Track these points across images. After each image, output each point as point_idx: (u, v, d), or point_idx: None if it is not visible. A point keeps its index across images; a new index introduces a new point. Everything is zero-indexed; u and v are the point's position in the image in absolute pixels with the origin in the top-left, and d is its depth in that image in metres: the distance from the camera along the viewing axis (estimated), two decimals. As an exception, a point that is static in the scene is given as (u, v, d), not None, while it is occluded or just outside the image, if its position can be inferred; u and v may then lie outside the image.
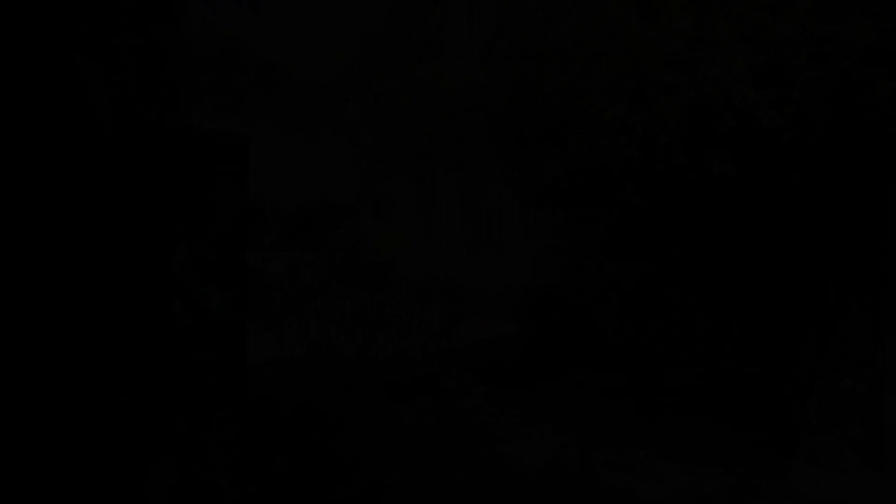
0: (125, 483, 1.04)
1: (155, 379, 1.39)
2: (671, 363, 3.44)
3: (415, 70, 9.00)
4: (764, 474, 2.41)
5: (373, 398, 2.02)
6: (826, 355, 2.47)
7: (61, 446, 0.79)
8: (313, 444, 1.95)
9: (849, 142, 1.77)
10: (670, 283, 3.49)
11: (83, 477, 0.82)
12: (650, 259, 3.68)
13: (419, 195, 9.32)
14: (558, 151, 2.41)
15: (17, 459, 0.71)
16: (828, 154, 1.89)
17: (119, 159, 1.01)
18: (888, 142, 1.74)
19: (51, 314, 0.83)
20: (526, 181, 2.64)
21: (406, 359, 2.30)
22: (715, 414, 3.20)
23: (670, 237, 3.07)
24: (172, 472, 1.42)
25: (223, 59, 13.00)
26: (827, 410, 2.67)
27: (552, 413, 3.19)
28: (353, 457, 2.06)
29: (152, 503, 1.36)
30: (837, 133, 1.75)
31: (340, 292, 2.19)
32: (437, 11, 8.23)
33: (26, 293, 0.81)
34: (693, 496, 2.21)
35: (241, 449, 1.55)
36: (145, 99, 1.04)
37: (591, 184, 2.40)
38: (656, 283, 3.62)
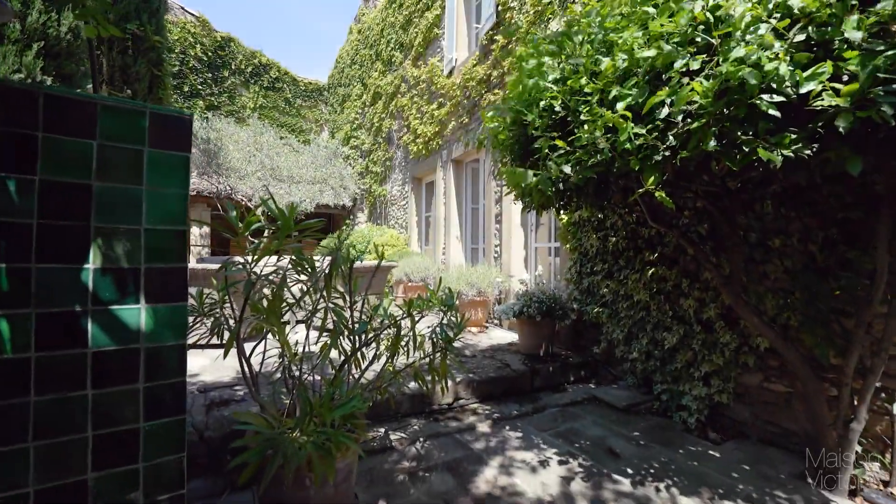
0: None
1: (58, 424, 1.08)
2: (689, 379, 3.13)
3: (412, 67, 8.73)
4: (801, 510, 2.11)
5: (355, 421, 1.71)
6: (873, 373, 2.16)
7: None
8: (279, 483, 1.64)
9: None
10: (687, 290, 3.19)
11: None
12: (664, 264, 3.38)
13: (416, 197, 9.03)
14: (567, 143, 2.11)
15: None
16: None
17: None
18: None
19: None
20: (529, 179, 2.34)
21: (396, 375, 1.98)
22: (740, 438, 2.88)
23: (687, 239, 2.77)
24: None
25: (218, 60, 12.75)
26: (873, 437, 2.37)
27: (558, 435, 2.88)
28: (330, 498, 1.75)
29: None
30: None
31: (325, 301, 1.87)
32: (434, 7, 7.96)
33: None
34: (725, 540, 1.90)
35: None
36: None
37: (605, 179, 2.10)
38: (671, 290, 3.31)
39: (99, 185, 1.13)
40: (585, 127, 1.97)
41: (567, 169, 2.05)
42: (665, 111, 1.68)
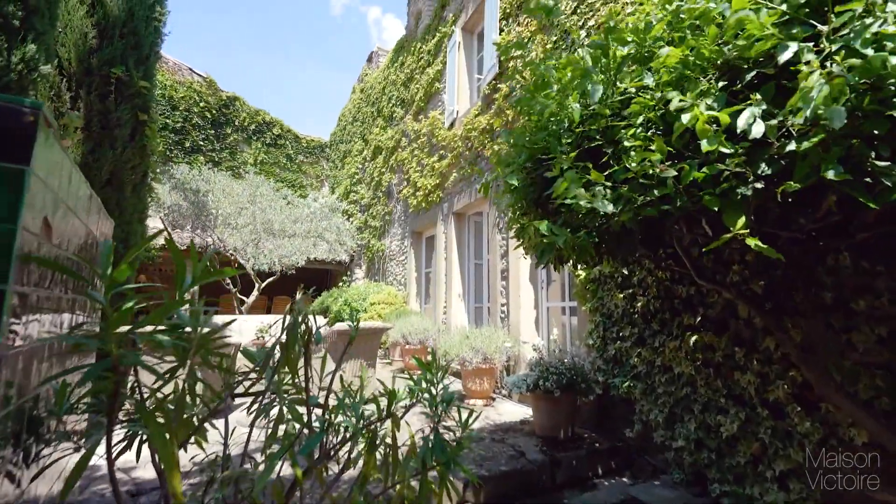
0: None
1: None
2: (758, 479, 2.45)
3: (413, 121, 8.62)
4: None
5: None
6: None
7: None
8: None
9: None
10: (743, 363, 2.60)
11: None
12: (710, 329, 2.81)
13: (416, 252, 8.58)
14: (605, 177, 1.63)
15: None
16: None
17: None
18: None
19: None
20: (547, 227, 1.85)
21: (378, 481, 1.37)
22: (840, 566, 2.17)
23: (745, 299, 2.22)
24: None
25: (222, 118, 12.89)
26: None
27: (596, 560, 2.16)
28: None
29: None
30: None
31: (278, 390, 1.30)
32: (436, 63, 7.97)
33: None
34: None
35: None
36: None
37: (659, 222, 1.60)
38: (722, 362, 2.71)
39: None
40: (633, 154, 1.51)
41: (610, 208, 1.56)
42: (758, 127, 1.21)
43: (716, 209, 1.31)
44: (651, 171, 1.46)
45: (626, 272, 3.44)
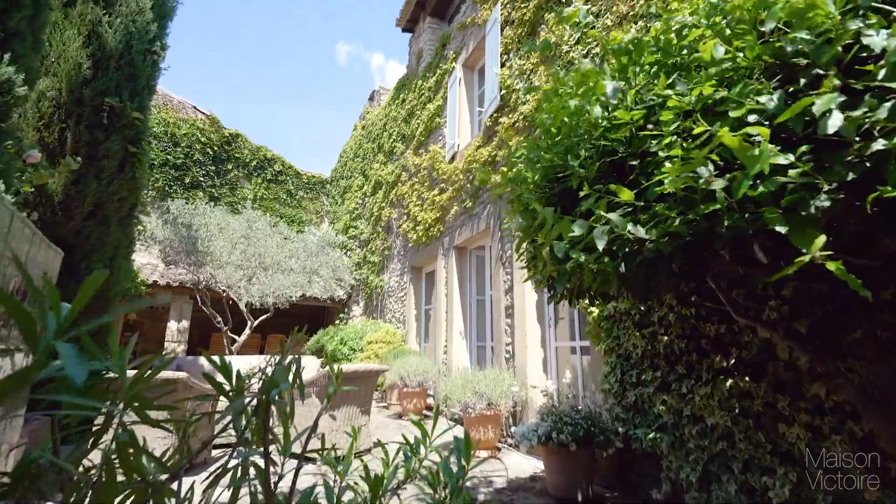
0: None
1: None
2: (820, 557, 2.06)
3: (414, 156, 8.56)
4: None
5: None
6: None
7: None
8: None
9: None
10: (788, 413, 2.26)
11: None
12: (744, 373, 2.49)
13: (415, 288, 8.28)
14: (636, 194, 1.39)
15: None
16: None
17: None
18: None
19: None
20: (562, 257, 1.59)
21: None
22: None
23: (794, 339, 1.93)
24: None
25: (223, 154, 12.94)
26: None
27: None
28: None
29: None
30: None
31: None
32: (436, 99, 7.98)
33: None
34: None
35: None
36: None
37: (704, 245, 1.34)
38: (762, 412, 2.38)
39: None
40: (669, 165, 1.27)
41: (641, 232, 1.30)
42: (836, 119, 0.97)
43: (782, 228, 1.05)
44: (694, 185, 1.22)
45: (643, 308, 3.15)
